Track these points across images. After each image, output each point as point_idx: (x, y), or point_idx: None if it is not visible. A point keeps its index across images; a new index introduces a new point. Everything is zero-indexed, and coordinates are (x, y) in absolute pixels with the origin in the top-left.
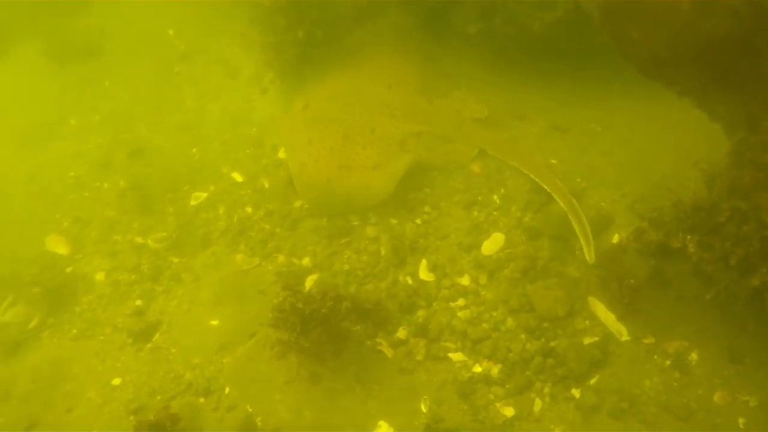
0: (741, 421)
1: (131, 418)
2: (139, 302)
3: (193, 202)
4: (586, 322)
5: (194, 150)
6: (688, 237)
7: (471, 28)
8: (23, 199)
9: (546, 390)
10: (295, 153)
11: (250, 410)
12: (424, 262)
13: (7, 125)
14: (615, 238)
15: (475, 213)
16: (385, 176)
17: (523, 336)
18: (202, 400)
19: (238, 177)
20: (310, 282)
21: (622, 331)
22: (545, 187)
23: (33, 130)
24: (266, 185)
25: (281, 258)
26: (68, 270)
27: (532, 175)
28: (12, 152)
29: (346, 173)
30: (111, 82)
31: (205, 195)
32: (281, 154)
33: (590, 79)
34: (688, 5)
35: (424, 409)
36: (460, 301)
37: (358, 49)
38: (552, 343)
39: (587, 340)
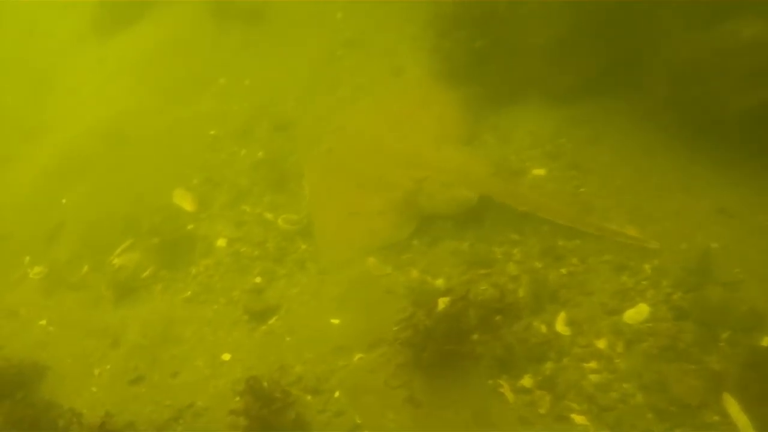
0: None
1: (237, 399)
2: (258, 280)
3: None
4: (716, 417)
5: None
6: None
7: (661, 90)
8: (159, 147)
9: None
10: (315, 198)
11: (359, 422)
12: (562, 314)
13: (158, 73)
14: (765, 341)
15: (624, 278)
16: (390, 221)
17: (650, 416)
18: (309, 397)
19: None
20: (441, 304)
21: None
22: (563, 222)
23: (181, 81)
24: None
25: (414, 273)
26: (189, 227)
27: (545, 216)
28: (157, 100)
29: (354, 219)
30: (268, 50)
31: None
32: None
33: None
34: None
35: None
36: (593, 364)
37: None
38: (677, 431)
39: None
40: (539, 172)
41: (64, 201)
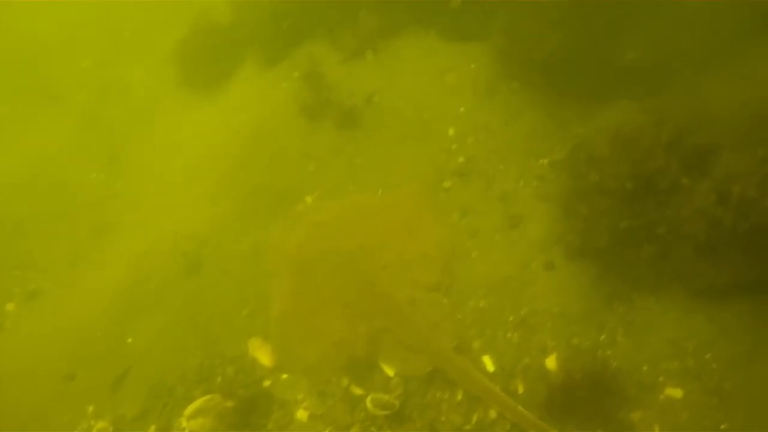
0: None
1: None
2: None
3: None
4: None
5: (444, 301)
6: None
7: None
8: (237, 282)
9: None
10: (278, 296)
11: None
12: None
13: (239, 177)
14: None
15: None
16: (345, 355)
17: None
18: None
19: (489, 364)
20: None
21: None
22: (507, 414)
23: (263, 194)
24: (520, 390)
25: None
26: (266, 384)
27: (492, 402)
28: (238, 215)
29: (312, 337)
30: (362, 166)
31: None
32: (548, 362)
33: None
34: None
35: None
36: None
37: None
38: None
39: None
40: (674, 393)
41: (129, 341)
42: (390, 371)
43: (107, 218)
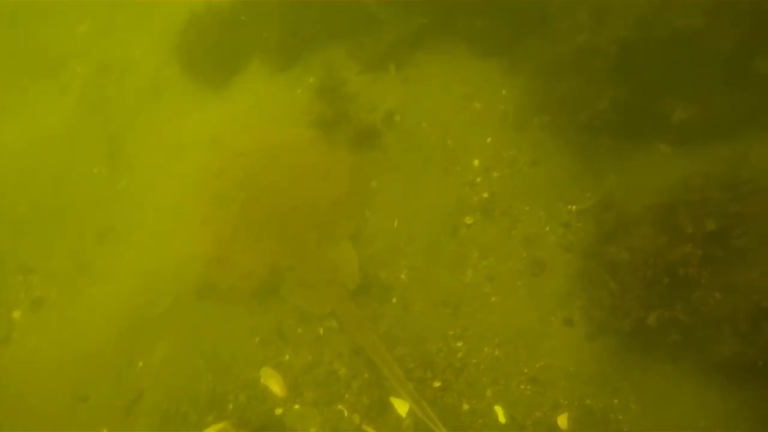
0: None
1: None
2: None
3: None
4: None
5: (459, 344)
6: None
7: None
8: (252, 305)
9: None
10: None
11: None
12: None
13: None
14: None
15: None
16: (248, 288)
17: None
18: None
19: (501, 414)
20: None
21: None
22: (386, 373)
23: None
24: None
25: None
26: (278, 412)
27: (374, 360)
28: (250, 236)
29: (218, 264)
30: (378, 191)
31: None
32: (560, 420)
33: None
34: None
35: None
36: None
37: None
38: None
39: None
40: None
41: (140, 364)
42: (402, 411)
43: (112, 222)
